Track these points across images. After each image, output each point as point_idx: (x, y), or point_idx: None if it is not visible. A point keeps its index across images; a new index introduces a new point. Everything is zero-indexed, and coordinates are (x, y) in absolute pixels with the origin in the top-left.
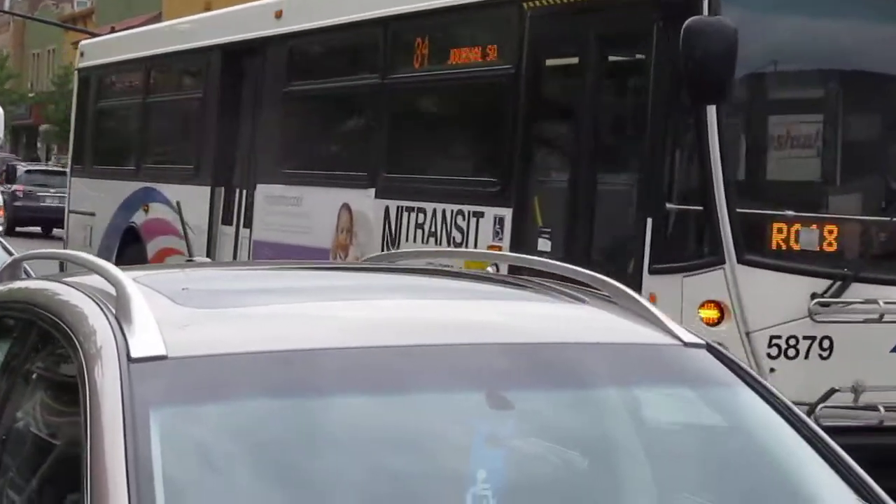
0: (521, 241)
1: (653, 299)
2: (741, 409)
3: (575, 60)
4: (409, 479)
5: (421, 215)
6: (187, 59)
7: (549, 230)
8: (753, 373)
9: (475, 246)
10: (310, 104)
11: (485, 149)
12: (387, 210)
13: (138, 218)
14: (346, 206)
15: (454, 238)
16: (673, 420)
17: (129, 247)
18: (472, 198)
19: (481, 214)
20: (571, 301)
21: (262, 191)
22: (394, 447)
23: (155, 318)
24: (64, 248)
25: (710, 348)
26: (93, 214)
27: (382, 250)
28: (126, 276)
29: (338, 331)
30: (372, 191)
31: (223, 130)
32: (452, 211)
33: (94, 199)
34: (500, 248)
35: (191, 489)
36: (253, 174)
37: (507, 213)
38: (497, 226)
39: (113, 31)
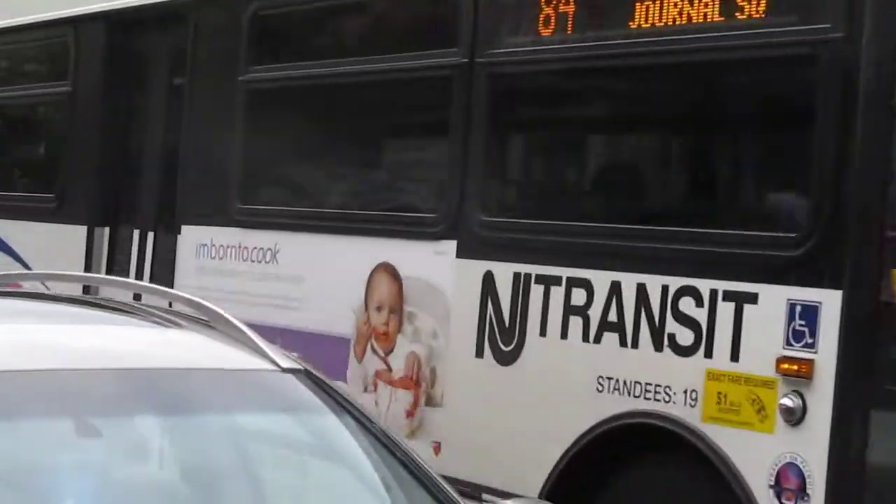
0: (878, 361)
1: None
2: (337, 433)
3: None
4: None
5: (580, 293)
6: (43, 37)
7: None
8: (350, 398)
9: (733, 358)
10: (298, 98)
11: (761, 166)
12: (489, 279)
13: None
14: (386, 270)
15: (675, 339)
16: (270, 445)
17: None
18: (727, 266)
19: (752, 298)
20: (167, 325)
21: (193, 236)
22: None
23: None
24: None
25: (308, 374)
26: None
27: (483, 347)
28: None
29: None
30: (451, 244)
31: (111, 141)
32: (667, 288)
33: None
34: (810, 364)
35: None
36: (174, 209)
37: (827, 299)
38: (800, 321)
39: None
